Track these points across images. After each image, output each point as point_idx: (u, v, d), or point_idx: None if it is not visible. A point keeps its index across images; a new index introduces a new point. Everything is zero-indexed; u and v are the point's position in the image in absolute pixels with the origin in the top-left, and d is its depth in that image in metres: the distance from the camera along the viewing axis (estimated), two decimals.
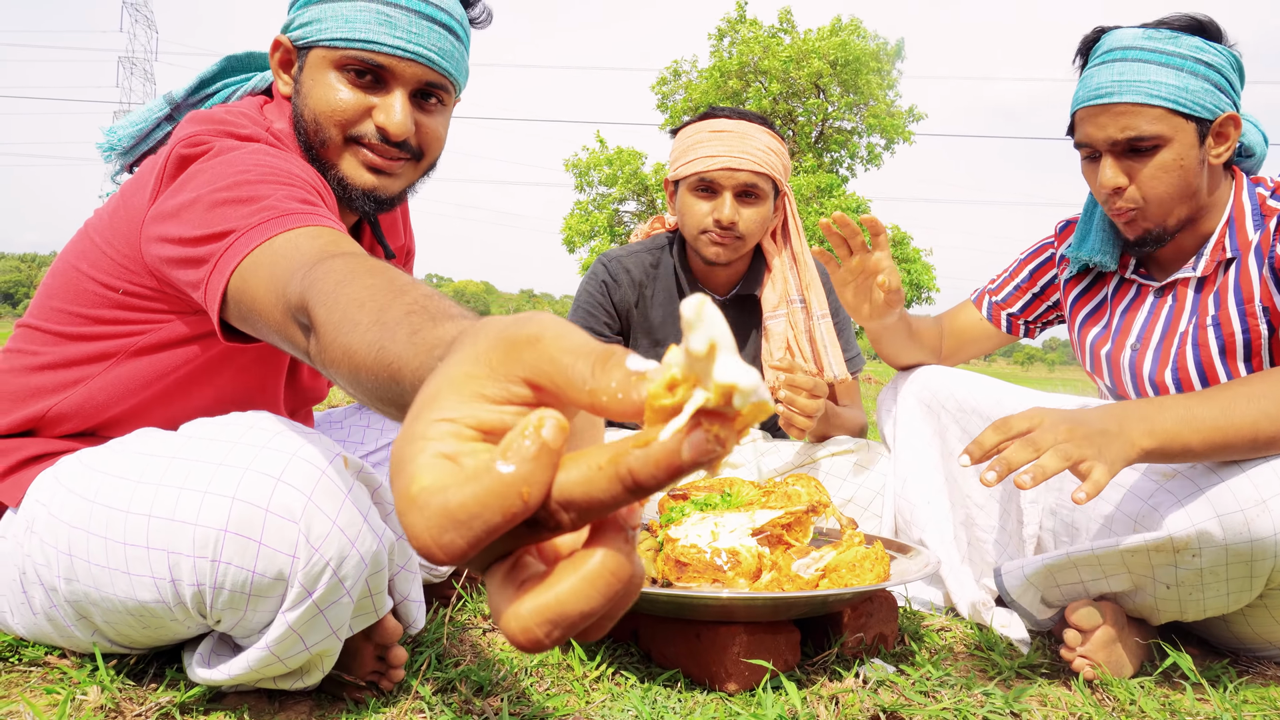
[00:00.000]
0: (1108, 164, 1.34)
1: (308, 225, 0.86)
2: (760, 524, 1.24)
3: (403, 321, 0.56)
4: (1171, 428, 1.11)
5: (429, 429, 0.36)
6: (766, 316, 1.90)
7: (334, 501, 0.90)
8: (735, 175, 1.77)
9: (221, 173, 0.97)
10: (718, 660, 1.13)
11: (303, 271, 0.75)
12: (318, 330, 0.67)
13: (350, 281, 0.67)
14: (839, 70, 22.31)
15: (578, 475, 0.34)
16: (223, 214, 0.91)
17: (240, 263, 0.85)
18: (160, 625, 0.97)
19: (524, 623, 0.35)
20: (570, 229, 23.35)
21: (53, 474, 1.05)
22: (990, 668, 1.25)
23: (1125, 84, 1.31)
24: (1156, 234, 1.37)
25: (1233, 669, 1.25)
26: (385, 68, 1.10)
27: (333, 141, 1.12)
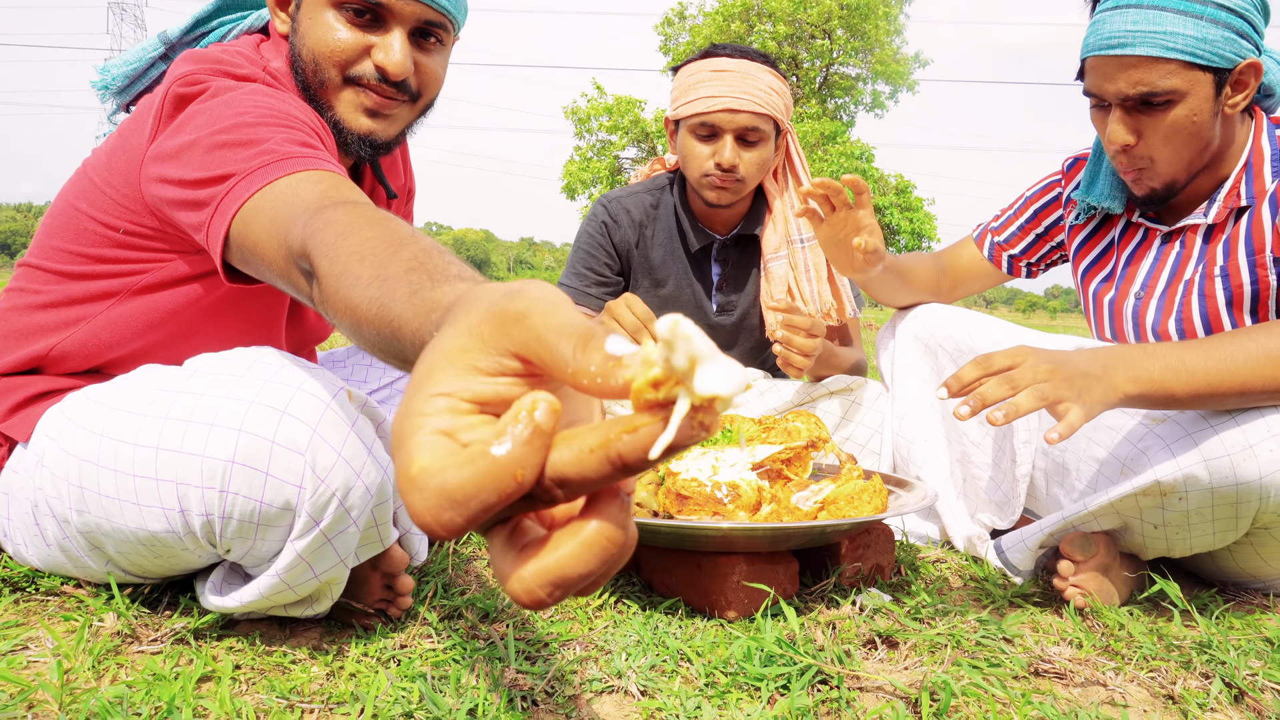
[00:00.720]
0: (1116, 119, 1.29)
1: (308, 169, 0.87)
2: (760, 459, 1.26)
3: (402, 280, 0.57)
4: (1157, 375, 1.11)
5: (426, 405, 0.38)
6: (768, 258, 1.90)
7: (339, 433, 0.92)
8: (736, 118, 1.75)
9: (220, 114, 0.96)
10: (718, 589, 1.15)
11: (304, 219, 0.76)
12: (320, 280, 0.69)
13: (351, 233, 0.69)
14: (847, 14, 21.87)
15: (570, 456, 0.36)
16: (222, 157, 0.91)
17: (241, 207, 0.87)
18: (172, 555, 0.99)
19: (527, 584, 0.38)
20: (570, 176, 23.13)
21: (60, 409, 1.07)
22: (984, 596, 1.28)
23: (1139, 34, 1.23)
24: (1165, 191, 1.34)
25: (1220, 598, 1.28)
26: (384, 6, 1.09)
27: (331, 82, 1.11)
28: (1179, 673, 1.02)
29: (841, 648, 1.03)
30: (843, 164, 20.35)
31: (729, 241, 1.94)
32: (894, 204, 21.63)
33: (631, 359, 0.36)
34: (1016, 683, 1.00)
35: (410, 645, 1.03)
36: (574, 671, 0.98)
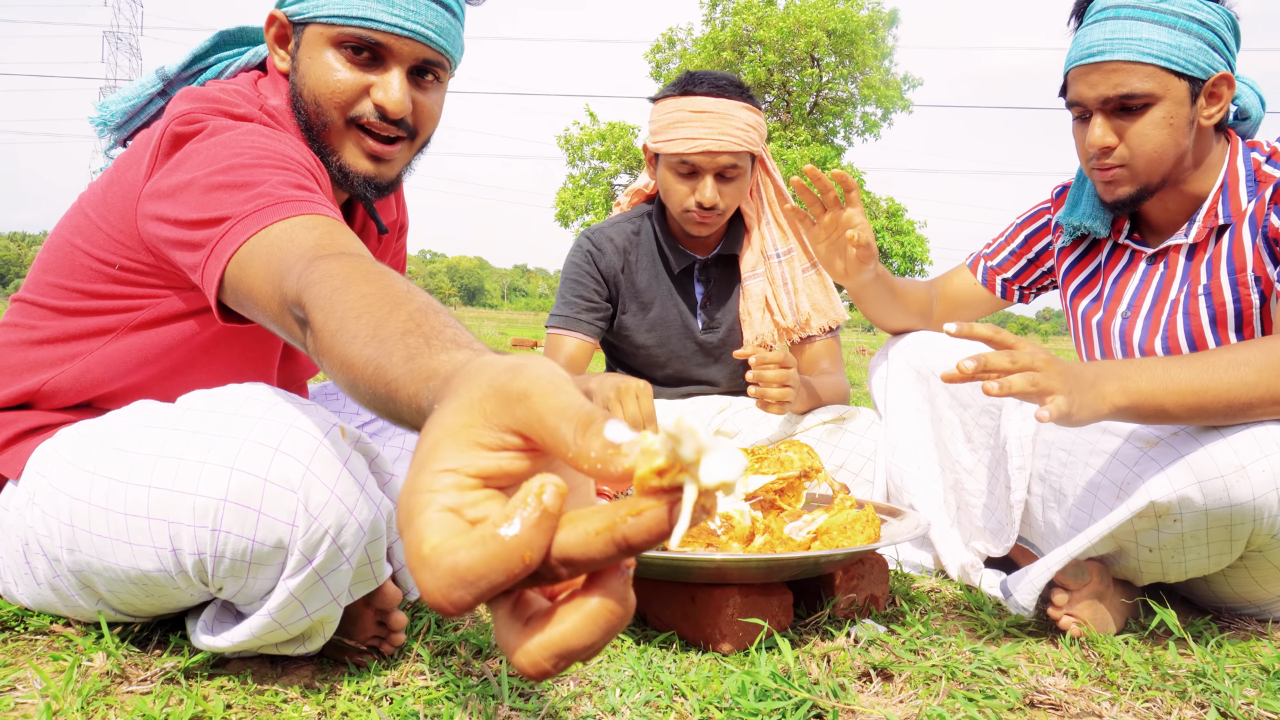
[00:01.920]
0: (1098, 122, 1.35)
1: (303, 213, 0.88)
2: (753, 489, 1.26)
3: (399, 342, 0.59)
4: (1146, 387, 1.12)
5: (432, 481, 0.40)
6: (745, 277, 1.94)
7: (332, 470, 0.92)
8: (716, 159, 1.80)
9: (216, 154, 0.97)
10: (712, 621, 1.15)
11: (300, 268, 0.77)
12: (315, 333, 0.70)
13: (347, 288, 0.70)
14: (834, 40, 22.14)
15: (576, 538, 0.38)
16: (218, 198, 0.92)
17: (236, 251, 0.87)
18: (163, 593, 0.99)
19: (533, 658, 0.39)
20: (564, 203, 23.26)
21: (52, 446, 1.06)
22: (979, 626, 1.28)
23: (1117, 41, 1.31)
24: (1135, 194, 1.38)
25: (1215, 625, 1.28)
26: (383, 45, 1.10)
27: (334, 125, 1.12)
28: (1174, 703, 1.02)
29: (836, 681, 1.03)
30: None
31: (710, 261, 1.99)
32: (886, 227, 21.79)
33: (630, 447, 0.38)
34: (1012, 715, 0.99)
35: (403, 683, 1.02)
36: (568, 708, 0.98)
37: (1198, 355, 1.16)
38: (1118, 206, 1.40)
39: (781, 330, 1.95)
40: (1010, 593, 1.23)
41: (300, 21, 1.12)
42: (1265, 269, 1.31)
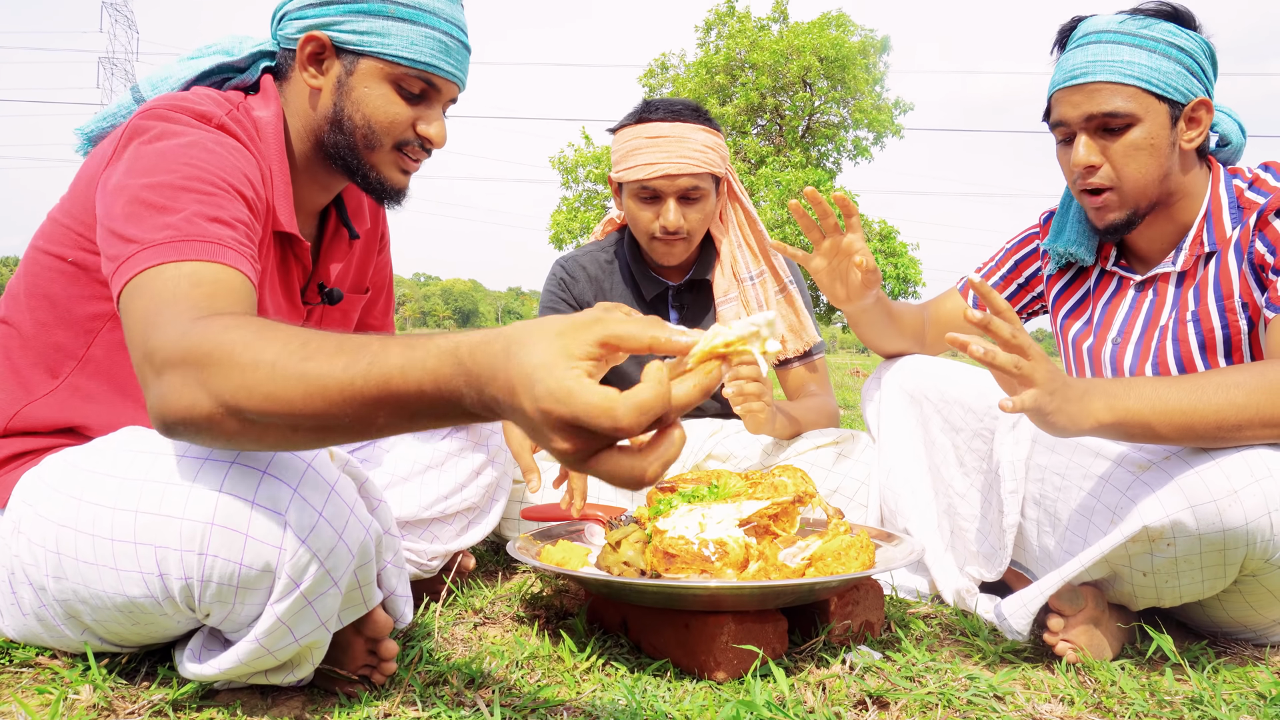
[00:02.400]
0: (1082, 142, 1.37)
1: (199, 260, 0.93)
2: (747, 515, 1.25)
3: (386, 342, 0.74)
4: (1134, 406, 1.12)
5: (571, 367, 0.66)
6: (719, 302, 1.96)
7: (319, 493, 0.92)
8: (675, 181, 1.81)
9: (153, 165, 1.01)
10: (706, 649, 1.14)
11: (185, 323, 0.85)
12: (242, 368, 0.78)
13: (265, 330, 0.81)
14: (826, 65, 22.35)
15: (682, 390, 0.68)
16: (137, 216, 0.97)
17: (131, 279, 0.93)
18: (150, 621, 0.98)
19: (653, 467, 0.67)
20: (558, 226, 23.33)
21: (37, 474, 1.06)
22: (974, 652, 1.27)
23: (1099, 64, 1.34)
24: (1126, 219, 1.39)
25: (1211, 650, 1.27)
26: (436, 87, 1.22)
27: (382, 148, 1.22)
28: None
29: (832, 710, 1.02)
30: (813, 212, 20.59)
31: (683, 287, 2.01)
32: (879, 249, 21.89)
33: (690, 333, 0.70)
34: None
35: (394, 713, 1.01)
36: None
37: (1188, 377, 1.16)
38: (1110, 232, 1.41)
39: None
40: (1004, 617, 1.22)
41: (353, 51, 1.18)
42: (1252, 295, 1.32)
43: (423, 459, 1.45)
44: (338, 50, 1.19)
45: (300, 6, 1.20)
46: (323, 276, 1.34)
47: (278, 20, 1.25)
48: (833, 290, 1.56)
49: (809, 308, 2.02)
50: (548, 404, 0.64)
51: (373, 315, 1.57)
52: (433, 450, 1.46)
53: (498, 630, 1.34)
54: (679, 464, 1.89)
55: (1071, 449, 1.30)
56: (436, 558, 1.45)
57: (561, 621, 1.37)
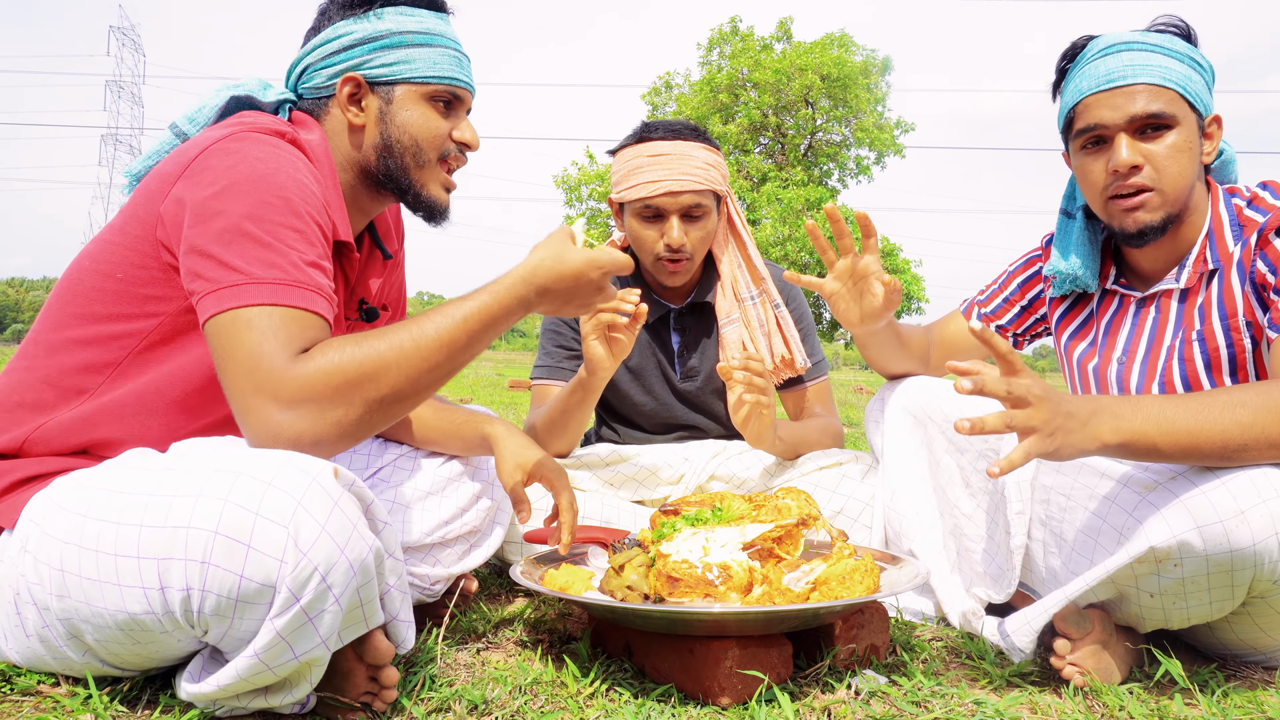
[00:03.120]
0: (1124, 143, 1.36)
1: (301, 307, 1.06)
2: (751, 538, 1.25)
3: (465, 296, 1.17)
4: (1140, 426, 1.12)
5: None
6: (721, 324, 1.96)
7: (323, 507, 0.93)
8: (678, 199, 1.82)
9: (244, 189, 1.09)
10: (710, 674, 1.13)
11: (301, 357, 1.03)
12: (384, 372, 1.07)
13: (380, 332, 1.09)
14: (828, 85, 22.47)
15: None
16: (238, 247, 1.06)
17: (233, 309, 1.03)
18: (150, 640, 0.98)
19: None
20: None
21: (46, 494, 1.07)
22: (981, 676, 1.26)
23: (1139, 68, 1.35)
24: (1162, 221, 1.37)
25: (1220, 674, 1.26)
26: (460, 98, 1.34)
27: (429, 162, 1.32)
28: None
29: None
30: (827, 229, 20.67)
31: (685, 310, 2.00)
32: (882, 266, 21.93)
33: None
34: None
35: None
36: None
37: (1194, 395, 1.16)
38: (1142, 234, 1.38)
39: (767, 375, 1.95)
40: (1008, 635, 1.21)
41: (387, 82, 1.29)
42: (1255, 315, 1.32)
43: (423, 485, 1.45)
44: (372, 86, 1.29)
45: (324, 56, 1.29)
46: (363, 293, 1.40)
47: (298, 75, 1.32)
48: (847, 314, 1.54)
49: (810, 331, 2.02)
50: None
51: None
52: (433, 477, 1.47)
53: (501, 655, 1.33)
54: (681, 487, 1.88)
55: (1077, 470, 1.29)
56: (439, 582, 1.45)
57: (565, 646, 1.36)
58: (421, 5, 1.32)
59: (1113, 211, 1.40)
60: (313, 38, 1.31)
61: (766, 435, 1.69)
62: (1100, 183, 1.40)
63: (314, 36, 1.31)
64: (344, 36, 1.28)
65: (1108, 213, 1.41)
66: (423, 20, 1.30)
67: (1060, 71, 1.47)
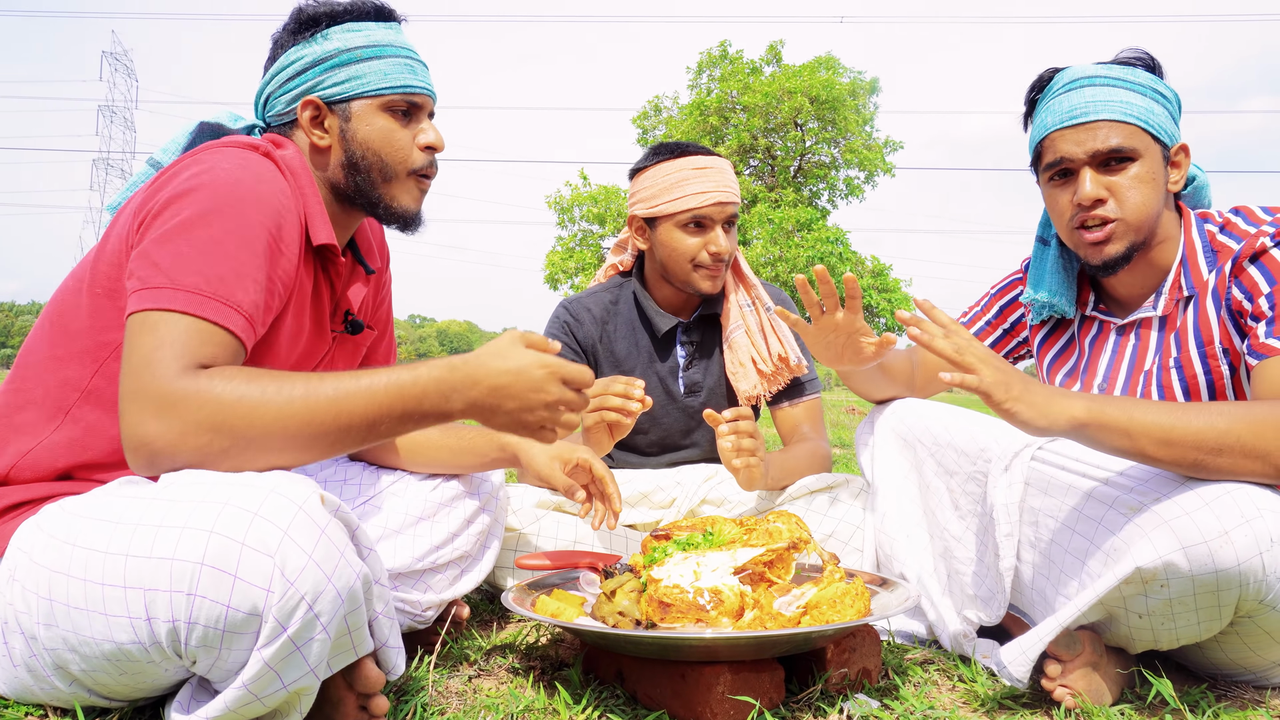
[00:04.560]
0: (1088, 177, 1.39)
1: (211, 321, 1.06)
2: (742, 562, 1.25)
3: (374, 369, 1.07)
4: (1112, 411, 1.14)
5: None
6: (730, 330, 2.00)
7: (310, 536, 0.93)
8: (725, 209, 1.92)
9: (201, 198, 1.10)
10: (703, 700, 1.13)
11: (189, 371, 1.03)
12: (252, 412, 1.02)
13: (277, 374, 1.06)
14: (817, 106, 22.68)
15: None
16: (175, 250, 1.07)
17: (146, 311, 1.05)
18: (138, 670, 0.98)
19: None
20: (553, 266, 23.45)
21: (35, 521, 1.07)
22: (973, 699, 1.26)
23: (1101, 104, 1.39)
24: (1125, 251, 1.40)
25: (1211, 694, 1.27)
26: (418, 104, 1.34)
27: (397, 176, 1.33)
28: None
29: None
30: (819, 248, 20.79)
31: (693, 323, 2.03)
32: (872, 285, 22.02)
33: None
34: None
35: None
36: None
37: (1173, 403, 1.18)
38: (1107, 266, 1.42)
39: (765, 378, 1.98)
40: (1004, 665, 1.21)
41: (343, 99, 1.30)
42: (1232, 341, 1.33)
43: (414, 510, 1.45)
44: (330, 105, 1.31)
45: (281, 84, 1.32)
46: (346, 305, 1.40)
47: (263, 103, 1.35)
48: (826, 356, 1.58)
49: (804, 346, 2.04)
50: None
51: (376, 358, 1.59)
52: (424, 501, 1.46)
53: (493, 682, 1.32)
54: (673, 511, 1.88)
55: (1064, 491, 1.30)
56: (431, 608, 1.44)
57: (557, 672, 1.36)
58: (368, 19, 1.32)
59: (1079, 242, 1.44)
60: (270, 67, 1.34)
61: (757, 483, 1.71)
62: (1067, 214, 1.44)
63: (271, 66, 1.34)
64: (296, 62, 1.30)
65: (1074, 243, 1.45)
66: (370, 34, 1.31)
67: (1029, 103, 1.50)
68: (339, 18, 1.31)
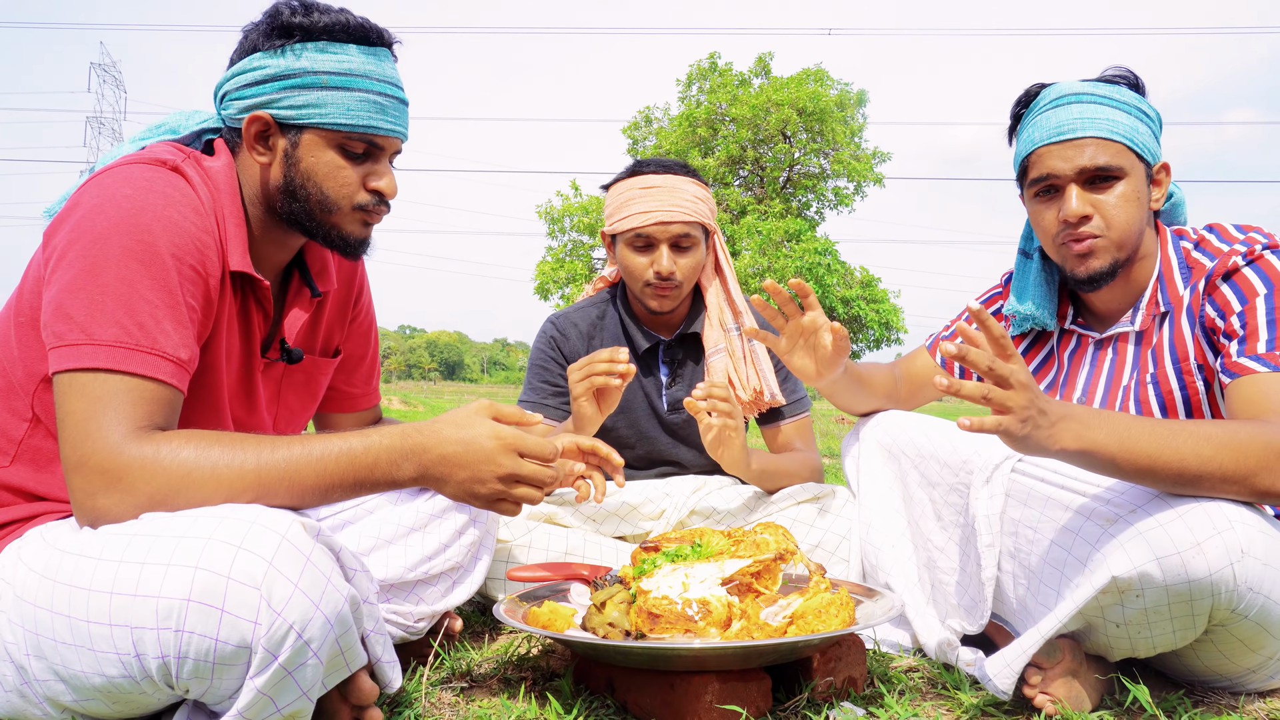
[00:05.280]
0: (1074, 194, 1.42)
1: (142, 375, 1.04)
2: (729, 573, 1.28)
3: (316, 440, 1.08)
4: (1101, 440, 1.14)
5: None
6: (709, 352, 2.01)
7: (295, 566, 0.93)
8: (668, 228, 1.89)
9: (103, 229, 1.07)
10: (691, 709, 1.15)
11: (129, 438, 1.02)
12: (197, 485, 1.02)
13: (220, 440, 1.06)
14: (805, 118, 22.82)
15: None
16: (87, 298, 1.04)
17: (70, 371, 1.03)
18: (129, 700, 0.99)
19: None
20: (544, 276, 23.47)
21: (17, 551, 1.07)
22: (956, 706, 1.29)
23: (1088, 121, 1.41)
24: (1110, 266, 1.43)
25: (1188, 700, 1.29)
26: (379, 145, 1.27)
27: (341, 211, 1.27)
28: None
29: None
30: (807, 259, 20.89)
31: (674, 342, 2.05)
32: (861, 296, 22.12)
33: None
34: None
35: None
36: None
37: (1165, 422, 1.18)
38: (1092, 280, 1.45)
39: (744, 404, 1.99)
40: (989, 678, 1.24)
41: (296, 124, 1.23)
42: (1206, 358, 1.37)
43: (405, 521, 1.46)
44: (281, 126, 1.23)
45: (239, 87, 1.24)
46: (282, 333, 1.36)
47: (220, 99, 1.28)
48: (804, 368, 1.61)
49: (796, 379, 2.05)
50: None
51: (354, 383, 1.59)
52: (415, 512, 1.47)
53: (485, 693, 1.34)
54: (662, 522, 1.91)
55: (1043, 503, 1.33)
56: (423, 619, 1.45)
57: (548, 683, 1.38)
58: (350, 40, 1.22)
59: (1065, 256, 1.47)
60: (235, 61, 1.25)
61: (739, 459, 1.73)
62: (1053, 230, 1.47)
63: (236, 62, 1.25)
64: (258, 70, 1.21)
65: (1060, 257, 1.48)
66: (345, 59, 1.21)
67: (1015, 117, 1.54)
68: (315, 33, 1.20)
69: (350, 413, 1.62)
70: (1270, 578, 1.12)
